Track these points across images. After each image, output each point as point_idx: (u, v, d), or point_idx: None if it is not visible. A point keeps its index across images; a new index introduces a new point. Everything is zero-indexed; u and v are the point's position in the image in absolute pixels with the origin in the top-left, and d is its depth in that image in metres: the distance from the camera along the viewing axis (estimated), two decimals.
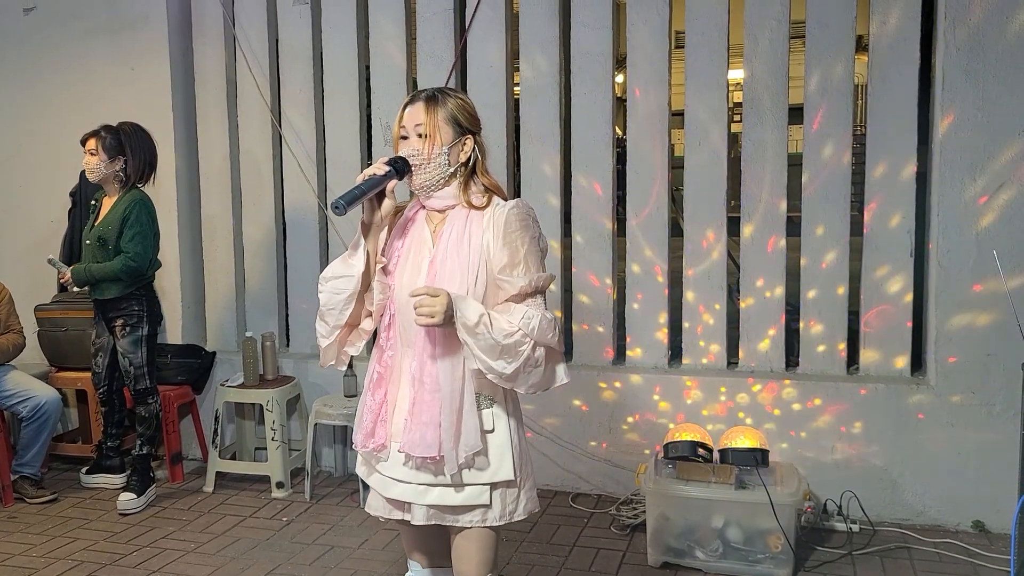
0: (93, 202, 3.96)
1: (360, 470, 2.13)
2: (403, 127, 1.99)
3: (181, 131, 4.47)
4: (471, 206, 1.98)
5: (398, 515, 2.05)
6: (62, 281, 3.88)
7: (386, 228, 2.01)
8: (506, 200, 2.02)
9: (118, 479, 4.10)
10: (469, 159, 2.01)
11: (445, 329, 1.89)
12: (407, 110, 1.99)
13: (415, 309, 1.84)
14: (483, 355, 1.87)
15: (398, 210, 2.06)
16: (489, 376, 1.90)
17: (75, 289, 3.88)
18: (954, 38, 3.36)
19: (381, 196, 1.95)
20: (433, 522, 2.01)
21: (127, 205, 3.80)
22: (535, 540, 3.47)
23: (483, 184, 2.02)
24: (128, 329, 3.82)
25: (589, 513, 3.72)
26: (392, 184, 1.94)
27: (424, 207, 2.04)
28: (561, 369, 2.00)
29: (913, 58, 3.46)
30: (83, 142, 3.84)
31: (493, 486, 1.99)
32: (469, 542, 2.03)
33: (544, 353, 1.93)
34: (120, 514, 3.81)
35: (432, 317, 1.82)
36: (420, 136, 1.96)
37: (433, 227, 2.02)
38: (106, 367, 3.94)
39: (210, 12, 4.38)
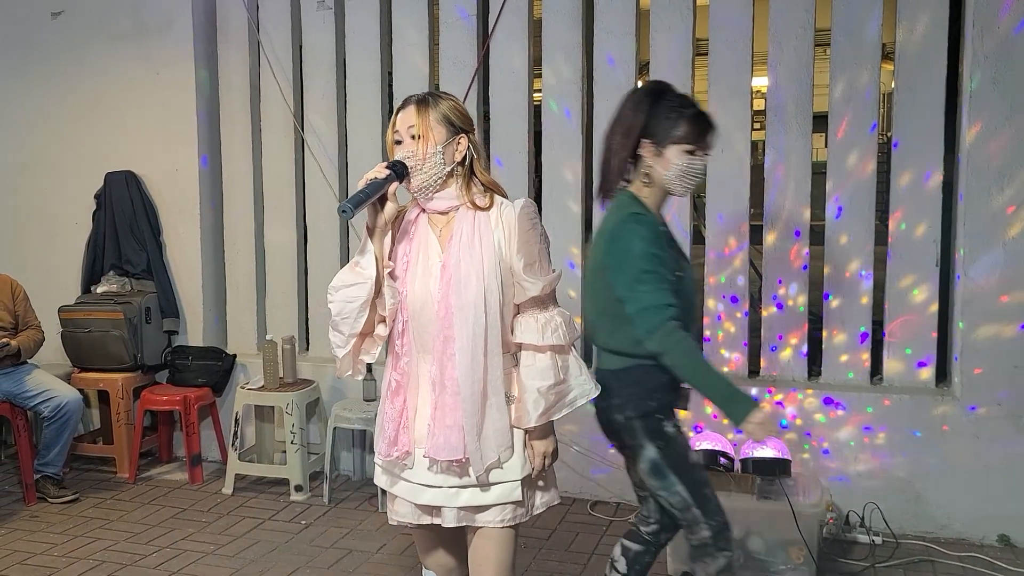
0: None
1: (380, 480, 2.11)
2: (396, 131, 2.01)
3: (205, 135, 4.50)
4: (475, 207, 1.99)
5: (427, 520, 2.05)
6: None
7: (389, 233, 2.02)
8: (506, 198, 2.04)
9: None
10: (465, 158, 2.01)
11: (469, 332, 1.94)
12: (399, 115, 2.01)
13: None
14: (574, 391, 2.04)
15: (398, 216, 2.07)
16: (586, 396, 2.07)
17: None
18: (982, 47, 3.32)
19: (383, 200, 1.95)
20: (463, 523, 2.02)
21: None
22: (554, 547, 3.45)
23: (482, 183, 2.03)
24: None
25: (608, 521, 3.70)
26: (394, 187, 1.95)
27: (425, 211, 2.04)
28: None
29: (940, 66, 3.43)
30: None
31: (522, 482, 2.01)
32: (489, 543, 2.03)
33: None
34: None
35: (553, 456, 2.08)
36: (413, 137, 1.97)
37: (438, 231, 2.02)
38: None
39: (234, 17, 4.41)
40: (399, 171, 1.96)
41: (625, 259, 2.15)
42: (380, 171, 1.95)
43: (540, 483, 2.08)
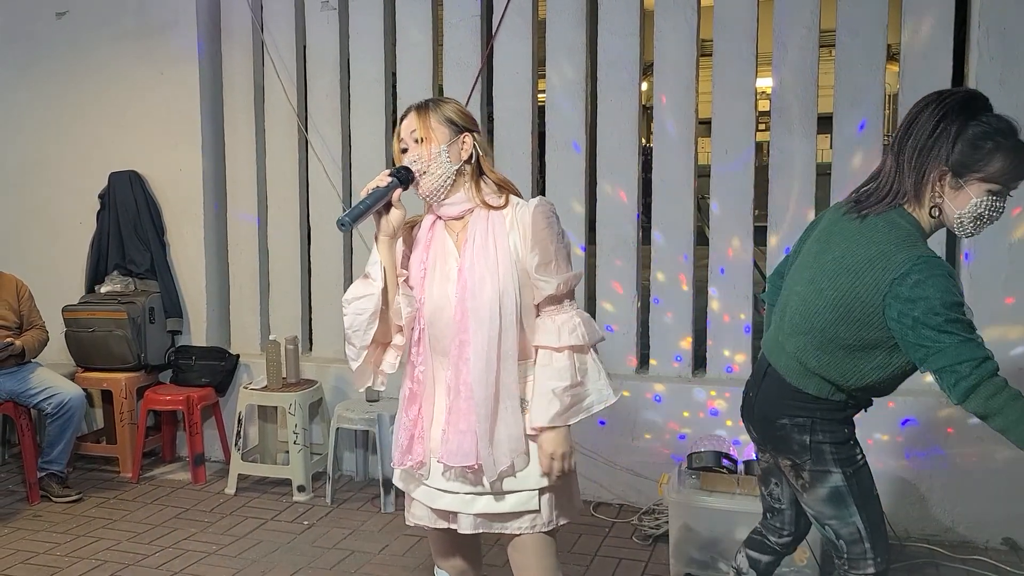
0: None
1: (398, 482, 2.11)
2: (401, 140, 2.00)
3: (208, 135, 4.50)
4: (488, 207, 1.97)
5: (443, 525, 2.04)
6: None
7: (401, 241, 2.00)
8: (521, 197, 2.02)
9: None
10: (472, 156, 1.99)
11: (484, 335, 1.91)
12: (402, 124, 2.00)
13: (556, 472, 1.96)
14: (591, 396, 1.98)
15: (412, 225, 2.05)
16: (604, 402, 1.99)
17: None
18: (988, 47, 3.31)
19: (388, 207, 1.94)
20: (480, 531, 2.00)
21: None
22: (557, 548, 3.44)
23: (493, 182, 2.01)
24: None
25: (611, 523, 3.70)
26: (398, 193, 1.93)
27: (441, 218, 2.03)
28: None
29: (945, 67, 3.41)
30: None
31: (541, 491, 1.98)
32: (526, 553, 2.01)
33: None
34: None
35: (568, 458, 1.97)
36: (417, 142, 1.96)
37: (455, 236, 2.00)
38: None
39: (238, 17, 4.42)
40: (403, 177, 1.95)
41: (918, 306, 1.81)
42: (382, 179, 1.93)
43: (564, 493, 2.03)
